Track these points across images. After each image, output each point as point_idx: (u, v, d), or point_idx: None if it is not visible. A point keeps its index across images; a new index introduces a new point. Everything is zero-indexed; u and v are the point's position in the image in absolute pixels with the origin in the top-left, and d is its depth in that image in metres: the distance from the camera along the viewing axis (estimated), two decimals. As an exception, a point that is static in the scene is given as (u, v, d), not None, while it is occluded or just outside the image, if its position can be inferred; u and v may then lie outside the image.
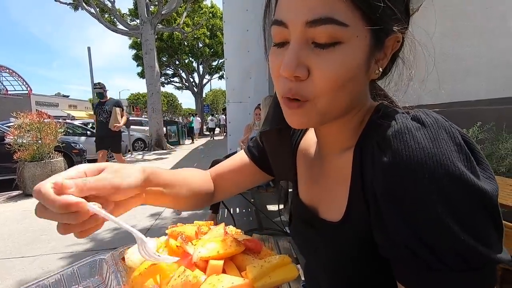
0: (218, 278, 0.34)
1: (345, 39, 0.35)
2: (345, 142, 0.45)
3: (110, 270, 0.38)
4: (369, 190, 0.37)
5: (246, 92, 4.78)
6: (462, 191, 0.30)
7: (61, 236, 2.02)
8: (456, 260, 0.30)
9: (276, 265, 0.37)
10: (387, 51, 0.40)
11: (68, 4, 11.47)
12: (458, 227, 0.29)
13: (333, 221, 0.44)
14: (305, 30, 0.35)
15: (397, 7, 0.36)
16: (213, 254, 0.37)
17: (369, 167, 0.37)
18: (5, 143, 5.00)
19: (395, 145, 0.33)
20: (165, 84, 25.96)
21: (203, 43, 21.30)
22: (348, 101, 0.40)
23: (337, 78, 0.36)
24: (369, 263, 0.40)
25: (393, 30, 0.37)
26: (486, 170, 0.33)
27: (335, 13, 0.34)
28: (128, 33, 11.93)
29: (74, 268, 0.41)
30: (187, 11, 14.49)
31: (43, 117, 5.01)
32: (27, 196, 4.71)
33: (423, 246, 0.31)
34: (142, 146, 12.20)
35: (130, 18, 16.73)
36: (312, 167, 0.54)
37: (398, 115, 0.37)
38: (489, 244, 0.30)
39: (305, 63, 0.36)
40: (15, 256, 2.54)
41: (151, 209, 3.73)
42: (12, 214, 3.79)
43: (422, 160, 0.31)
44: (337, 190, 0.44)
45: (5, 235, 3.07)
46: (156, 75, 11.07)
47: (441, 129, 0.33)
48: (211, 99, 40.46)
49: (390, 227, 0.34)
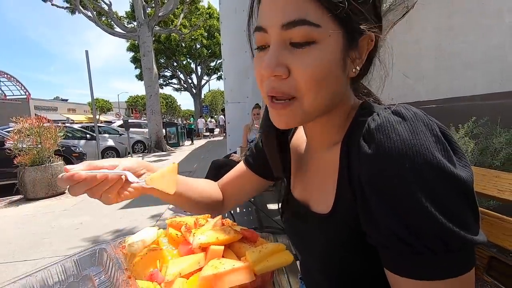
0: (220, 261, 0.36)
1: (318, 39, 0.38)
2: (332, 138, 0.48)
3: (111, 258, 0.39)
4: (355, 181, 0.39)
5: (244, 92, 4.80)
6: (439, 178, 0.32)
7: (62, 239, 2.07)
8: (436, 242, 0.32)
9: (273, 251, 0.40)
10: (362, 51, 0.42)
11: (65, 8, 11.49)
12: (437, 211, 0.32)
13: (322, 213, 0.46)
14: (281, 32, 0.39)
15: (363, 7, 0.39)
16: (212, 240, 0.39)
17: (355, 159, 0.39)
18: (5, 148, 5.02)
19: (378, 137, 0.36)
20: (163, 86, 26.00)
21: (201, 44, 21.33)
22: (330, 97, 0.42)
23: (315, 74, 0.39)
24: (358, 251, 0.43)
25: (363, 29, 0.40)
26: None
27: (307, 15, 0.37)
28: (125, 35, 11.94)
29: (73, 258, 0.42)
30: (184, 12, 14.50)
31: (43, 121, 5.02)
32: (28, 200, 4.72)
33: (406, 230, 0.33)
34: (142, 148, 12.22)
35: (127, 20, 16.74)
36: (302, 163, 0.57)
37: (380, 110, 0.40)
38: (466, 227, 0.32)
39: (284, 62, 0.39)
40: (18, 260, 2.56)
41: (151, 211, 3.75)
42: (14, 219, 3.80)
43: (403, 151, 0.33)
44: (326, 183, 0.47)
45: (7, 239, 3.09)
46: (154, 77, 11.08)
47: (419, 122, 0.35)
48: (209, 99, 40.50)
49: (375, 214, 0.36)
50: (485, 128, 1.62)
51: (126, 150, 10.67)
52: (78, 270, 0.41)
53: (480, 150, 1.52)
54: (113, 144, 10.21)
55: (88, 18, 10.97)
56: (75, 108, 44.27)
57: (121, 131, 12.07)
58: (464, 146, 1.66)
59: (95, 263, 0.42)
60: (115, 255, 0.39)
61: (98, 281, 0.40)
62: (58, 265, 0.40)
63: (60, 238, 3.01)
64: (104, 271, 0.41)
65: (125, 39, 14.17)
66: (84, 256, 0.43)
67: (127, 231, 3.17)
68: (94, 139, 8.24)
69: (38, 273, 0.39)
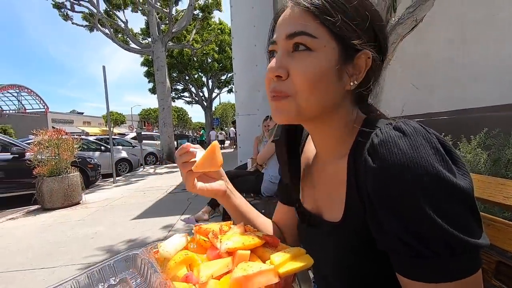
0: (248, 264, 0.40)
1: (315, 48, 0.45)
2: (338, 150, 0.52)
3: (145, 262, 0.42)
4: (363, 191, 0.43)
5: (254, 105, 4.87)
6: (439, 186, 0.36)
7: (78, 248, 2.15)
8: (440, 246, 0.35)
9: (294, 254, 0.43)
10: (360, 68, 0.47)
11: (85, 26, 12.06)
12: (439, 217, 0.35)
13: (334, 221, 0.50)
14: (286, 41, 0.47)
15: (362, 31, 0.46)
16: (239, 246, 0.43)
17: (362, 171, 0.43)
18: (25, 159, 5.23)
19: (381, 152, 0.39)
20: (175, 99, 26.52)
21: (212, 58, 21.80)
22: (323, 100, 0.47)
23: (309, 76, 0.45)
24: (369, 256, 0.46)
25: (357, 45, 0.45)
26: (462, 168, 0.39)
27: (306, 28, 0.45)
28: (140, 51, 12.38)
29: (110, 262, 0.46)
30: (196, 28, 14.97)
31: (61, 133, 5.22)
32: (46, 210, 4.86)
33: (411, 236, 0.36)
34: (154, 160, 12.41)
35: (142, 37, 17.38)
36: (313, 175, 0.61)
37: (382, 126, 0.44)
38: (468, 231, 0.35)
39: (285, 65, 0.47)
40: (36, 268, 2.63)
41: (164, 221, 3.80)
42: (32, 228, 3.92)
43: (405, 164, 0.37)
44: (336, 193, 0.50)
45: (25, 247, 3.18)
46: (167, 90, 11.38)
47: (419, 136, 0.39)
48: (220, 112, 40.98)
49: (383, 223, 0.39)
50: (498, 139, 1.61)
51: (139, 162, 10.87)
52: (114, 274, 0.45)
53: (493, 161, 1.51)
54: (126, 156, 10.43)
55: (105, 35, 11.46)
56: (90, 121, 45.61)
57: (134, 143, 12.34)
58: (477, 157, 1.65)
59: (129, 267, 0.46)
60: (149, 260, 0.42)
61: (134, 283, 0.43)
62: (97, 269, 0.44)
63: (75, 247, 3.08)
64: (139, 274, 0.44)
65: (139, 54, 14.68)
66: (118, 260, 0.46)
67: (140, 240, 3.22)
68: (108, 151, 8.46)
69: (81, 276, 0.43)
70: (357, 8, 0.46)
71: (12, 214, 4.71)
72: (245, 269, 0.38)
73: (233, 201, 0.70)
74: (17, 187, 5.69)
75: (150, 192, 6.04)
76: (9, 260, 2.85)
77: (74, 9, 11.26)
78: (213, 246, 0.45)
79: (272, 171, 2.88)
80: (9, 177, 5.64)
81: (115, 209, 4.75)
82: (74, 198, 5.14)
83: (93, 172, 6.88)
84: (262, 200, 3.01)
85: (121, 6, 12.03)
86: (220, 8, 14.08)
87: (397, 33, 2.17)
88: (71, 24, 11.62)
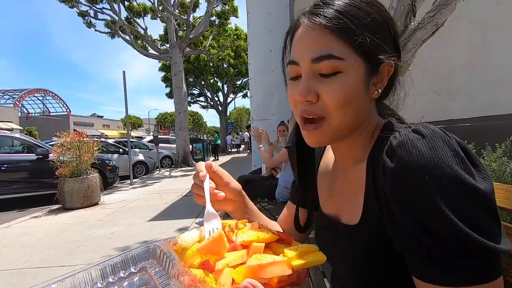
0: (262, 255, 0.41)
1: (343, 69, 0.45)
2: (358, 155, 0.52)
3: (164, 252, 0.45)
4: (381, 193, 0.43)
5: (269, 110, 4.89)
6: (458, 188, 0.35)
7: (96, 247, 2.25)
8: (456, 246, 0.34)
9: (308, 250, 0.44)
10: (383, 76, 0.48)
11: (106, 33, 12.54)
12: (456, 217, 0.34)
13: (352, 224, 0.50)
14: (311, 65, 0.46)
15: (382, 41, 0.45)
16: (254, 239, 0.44)
17: (380, 173, 0.43)
18: (48, 160, 5.45)
19: (399, 153, 0.39)
20: (191, 104, 26.98)
21: (228, 63, 22.10)
22: (355, 117, 0.48)
23: (341, 98, 0.45)
24: (386, 258, 0.45)
25: (382, 59, 0.45)
26: (482, 171, 0.38)
27: (333, 51, 0.44)
28: (158, 57, 12.73)
29: (132, 252, 0.49)
30: (212, 34, 15.26)
31: (83, 136, 5.42)
32: (66, 210, 5.05)
33: (427, 235, 0.36)
34: (170, 163, 12.63)
35: (161, 43, 17.86)
36: (332, 181, 0.61)
37: (401, 129, 0.44)
38: (486, 234, 0.34)
39: (314, 89, 0.46)
40: (57, 265, 2.73)
41: (179, 224, 3.86)
42: (53, 227, 4.07)
43: (423, 164, 0.37)
44: (355, 197, 0.50)
45: (47, 245, 3.31)
46: (183, 95, 11.61)
47: (438, 139, 0.38)
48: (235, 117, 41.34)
49: (399, 222, 0.39)
50: (525, 148, 1.54)
51: (155, 165, 11.09)
52: (135, 263, 0.47)
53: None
54: (143, 159, 10.68)
55: (125, 42, 11.87)
56: (109, 124, 47.10)
57: (150, 146, 12.62)
58: (502, 167, 1.58)
59: (149, 258, 0.48)
60: (168, 250, 0.45)
61: (153, 272, 0.45)
62: (120, 257, 0.47)
63: (93, 246, 3.18)
64: (159, 263, 0.46)
65: (157, 60, 15.09)
66: (140, 251, 0.49)
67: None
68: (126, 153, 8.68)
69: (106, 262, 0.46)
70: (376, 19, 0.46)
71: (35, 213, 4.92)
72: (259, 259, 0.40)
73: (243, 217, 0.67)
74: (40, 187, 5.94)
75: (165, 194, 6.15)
76: (32, 257, 2.97)
77: (97, 17, 11.77)
78: (229, 239, 0.46)
79: (287, 176, 2.87)
80: (33, 177, 5.91)
81: (132, 210, 4.86)
82: (93, 199, 5.31)
83: (111, 174, 7.08)
84: (276, 206, 3.00)
85: (141, 13, 12.45)
86: (237, 14, 14.28)
87: (416, 37, 2.13)
88: (94, 31, 12.13)
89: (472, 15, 2.88)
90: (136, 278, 0.47)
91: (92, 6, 11.42)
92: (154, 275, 0.45)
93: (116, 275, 0.46)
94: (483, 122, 2.58)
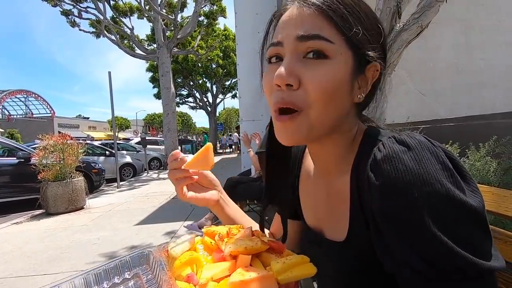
0: (247, 269, 0.40)
1: (331, 54, 0.40)
2: (339, 165, 0.49)
3: (156, 260, 0.45)
4: (367, 211, 0.41)
5: (258, 111, 4.87)
6: (449, 206, 0.33)
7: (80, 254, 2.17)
8: (451, 270, 0.32)
9: (296, 262, 0.42)
10: (367, 79, 0.45)
11: (91, 33, 12.24)
12: (450, 240, 0.32)
13: (338, 241, 0.47)
14: (297, 44, 0.41)
15: (372, 37, 0.43)
16: (241, 250, 0.43)
17: (366, 189, 0.40)
18: (30, 164, 5.26)
19: (385, 168, 0.37)
20: (180, 104, 26.70)
21: (217, 64, 21.96)
22: (335, 115, 0.43)
23: (324, 87, 0.40)
24: (374, 277, 0.43)
25: (370, 56, 0.43)
26: (470, 183, 0.36)
27: (322, 31, 0.40)
28: (145, 57, 12.51)
29: (127, 258, 0.49)
30: (201, 34, 15.12)
31: (66, 138, 5.26)
32: (50, 215, 4.87)
33: (419, 259, 0.33)
34: (158, 165, 12.45)
35: (148, 43, 17.60)
36: (315, 190, 0.57)
37: (385, 140, 0.41)
38: (482, 254, 0.32)
39: (296, 73, 0.41)
40: (38, 274, 2.62)
41: (166, 227, 3.78)
42: (35, 233, 3.92)
43: (410, 181, 0.34)
44: (338, 211, 0.48)
45: (28, 253, 3.18)
46: (171, 96, 11.45)
47: (424, 150, 0.36)
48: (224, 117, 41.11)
49: (389, 244, 0.37)
50: (508, 147, 1.58)
51: (143, 167, 10.90)
52: (129, 269, 0.47)
53: (504, 170, 1.47)
54: (130, 161, 10.48)
55: (111, 42, 11.62)
56: (95, 125, 46.13)
57: (138, 148, 12.40)
58: (486, 166, 1.61)
59: (143, 264, 0.48)
60: (159, 258, 0.45)
61: (145, 279, 0.45)
62: (115, 262, 0.47)
63: (78, 253, 3.07)
64: (151, 270, 0.46)
65: (145, 60, 14.84)
66: (134, 256, 0.49)
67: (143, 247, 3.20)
68: (112, 156, 8.50)
69: (101, 268, 0.45)
70: (369, 17, 0.44)
71: (16, 219, 4.73)
72: (243, 274, 0.38)
73: (226, 211, 0.68)
74: (22, 192, 5.73)
75: (153, 197, 6.04)
76: (12, 265, 2.85)
77: (82, 16, 11.45)
78: (218, 249, 0.45)
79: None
80: (14, 182, 5.70)
81: (119, 214, 4.74)
82: (78, 203, 5.15)
83: (98, 177, 6.90)
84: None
85: (127, 13, 12.21)
86: (225, 14, 14.20)
87: (402, 39, 2.15)
88: (78, 30, 11.82)
89: (455, 17, 2.94)
90: (130, 283, 0.47)
91: (76, 5, 11.11)
92: (146, 282, 0.44)
93: (111, 281, 0.46)
94: (467, 122, 2.64)
